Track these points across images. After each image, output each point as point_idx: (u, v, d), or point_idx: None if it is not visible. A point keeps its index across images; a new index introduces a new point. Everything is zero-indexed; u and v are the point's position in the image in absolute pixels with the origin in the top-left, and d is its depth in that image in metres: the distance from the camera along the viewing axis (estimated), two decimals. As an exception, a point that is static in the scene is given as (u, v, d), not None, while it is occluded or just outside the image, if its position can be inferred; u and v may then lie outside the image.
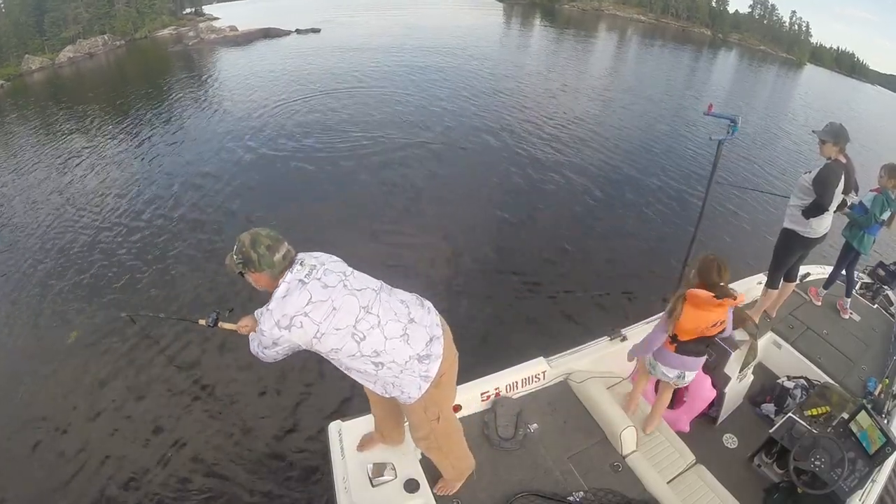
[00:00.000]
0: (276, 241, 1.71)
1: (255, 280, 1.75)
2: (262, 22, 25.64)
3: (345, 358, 1.75)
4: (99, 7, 29.61)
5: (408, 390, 1.82)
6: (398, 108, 11.62)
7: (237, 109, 11.69)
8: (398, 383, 1.81)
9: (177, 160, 8.95)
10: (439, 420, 1.99)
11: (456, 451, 2.23)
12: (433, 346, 1.83)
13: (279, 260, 1.70)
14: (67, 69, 22.31)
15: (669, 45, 37.30)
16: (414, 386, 1.81)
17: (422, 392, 1.83)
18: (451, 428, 2.15)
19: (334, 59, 17.19)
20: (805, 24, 66.56)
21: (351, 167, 8.29)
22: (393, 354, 1.75)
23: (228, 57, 20.01)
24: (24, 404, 4.02)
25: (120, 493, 3.31)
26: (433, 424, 1.99)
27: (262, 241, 1.68)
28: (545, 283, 5.62)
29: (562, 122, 11.62)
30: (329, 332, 1.68)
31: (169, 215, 6.90)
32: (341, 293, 1.72)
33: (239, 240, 1.72)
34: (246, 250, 1.69)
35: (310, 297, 1.67)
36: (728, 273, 2.34)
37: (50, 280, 5.62)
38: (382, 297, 1.81)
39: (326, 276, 1.73)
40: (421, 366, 1.80)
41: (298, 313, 1.65)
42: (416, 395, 1.83)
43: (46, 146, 10.41)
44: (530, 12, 44.79)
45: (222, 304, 4.47)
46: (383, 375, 1.79)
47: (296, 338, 1.67)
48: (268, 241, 1.69)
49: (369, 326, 1.73)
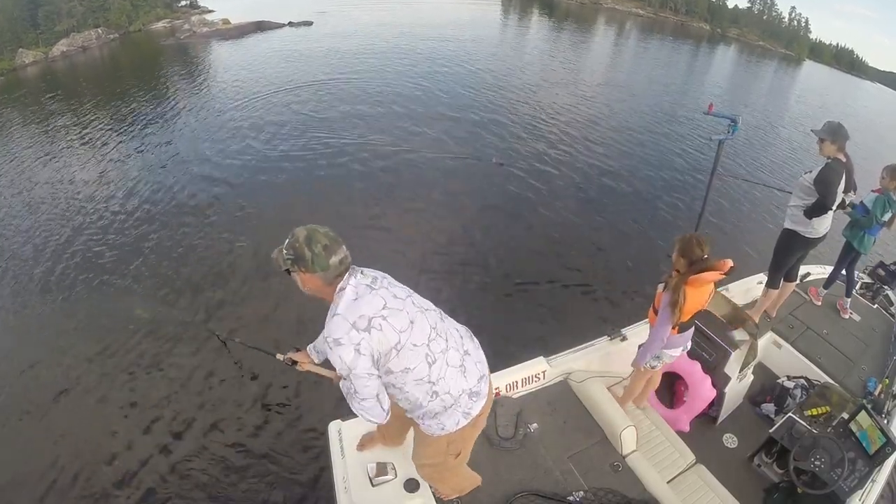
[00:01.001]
0: (334, 243, 1.52)
1: (303, 281, 1.57)
2: (255, 14, 25.60)
3: (410, 382, 1.59)
4: (93, 0, 29.51)
5: (446, 424, 1.70)
6: (392, 104, 11.56)
7: (224, 105, 11.73)
8: (441, 417, 1.68)
9: (174, 157, 8.95)
10: (457, 457, 1.90)
11: (456, 480, 2.21)
12: (482, 384, 1.74)
13: (335, 264, 1.51)
14: (61, 63, 22.22)
15: (668, 40, 37.27)
16: (453, 420, 1.69)
17: (458, 427, 1.71)
18: (460, 464, 2.06)
19: (326, 52, 17.21)
20: (804, 20, 66.78)
21: (347, 166, 8.27)
22: (450, 385, 1.63)
23: (219, 50, 20.03)
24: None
25: (119, 492, 3.31)
26: (449, 459, 1.89)
27: (319, 240, 1.50)
28: (545, 283, 5.62)
29: (560, 121, 11.60)
30: (408, 345, 1.53)
31: (173, 211, 6.94)
32: (412, 308, 1.59)
33: (293, 234, 1.53)
34: (299, 246, 1.50)
35: (384, 302, 1.53)
36: (707, 245, 2.39)
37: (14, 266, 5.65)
38: (445, 322, 1.71)
39: (393, 288, 1.61)
40: (469, 402, 1.69)
41: (376, 315, 1.50)
42: (450, 430, 1.71)
43: (42, 142, 10.41)
44: (529, 5, 44.67)
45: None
46: (431, 407, 1.65)
47: (376, 342, 1.49)
48: (325, 241, 1.51)
49: (440, 350, 1.61)
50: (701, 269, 2.36)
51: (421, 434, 1.83)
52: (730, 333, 3.19)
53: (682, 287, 2.36)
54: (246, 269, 5.58)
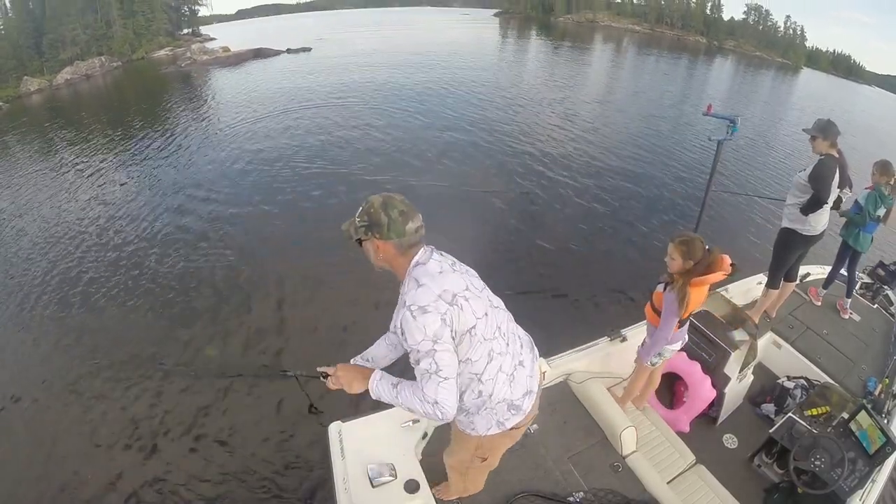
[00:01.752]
0: (410, 209, 1.46)
1: (377, 249, 1.48)
2: (255, 42, 26.32)
3: (466, 374, 1.50)
4: (97, 28, 29.85)
5: (477, 425, 1.65)
6: (394, 121, 11.72)
7: (222, 130, 11.97)
8: (473, 416, 1.63)
9: (176, 178, 9.10)
10: (483, 461, 1.87)
11: (477, 483, 2.22)
12: (526, 400, 1.66)
13: (411, 230, 1.44)
14: (65, 91, 22.57)
15: (666, 54, 37.50)
16: (485, 425, 1.64)
17: (488, 433, 1.66)
18: (486, 470, 2.05)
19: (324, 77, 17.47)
20: (800, 29, 67.02)
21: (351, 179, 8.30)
22: (494, 389, 1.56)
23: (218, 77, 20.48)
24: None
25: (118, 493, 3.31)
26: (476, 461, 1.86)
27: (396, 206, 1.44)
28: (545, 283, 5.63)
29: (560, 129, 11.69)
30: (480, 335, 1.46)
31: (175, 232, 7.00)
32: (486, 301, 1.53)
33: (368, 200, 1.47)
34: (374, 212, 1.44)
35: (466, 284, 1.47)
36: (702, 242, 2.41)
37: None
38: (511, 325, 1.65)
39: (472, 277, 1.55)
40: (507, 413, 1.62)
41: (460, 294, 1.42)
42: (480, 433, 1.66)
43: (46, 167, 10.49)
44: (526, 26, 44.97)
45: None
46: (470, 404, 1.59)
47: (457, 319, 1.39)
48: (402, 207, 1.45)
49: (498, 351, 1.53)
50: (705, 268, 2.36)
51: (454, 428, 1.79)
52: (730, 334, 3.19)
53: (687, 288, 2.37)
54: (250, 290, 5.53)
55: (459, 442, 1.83)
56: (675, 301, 2.40)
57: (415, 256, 1.48)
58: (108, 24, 30.41)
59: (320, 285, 5.45)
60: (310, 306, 5.16)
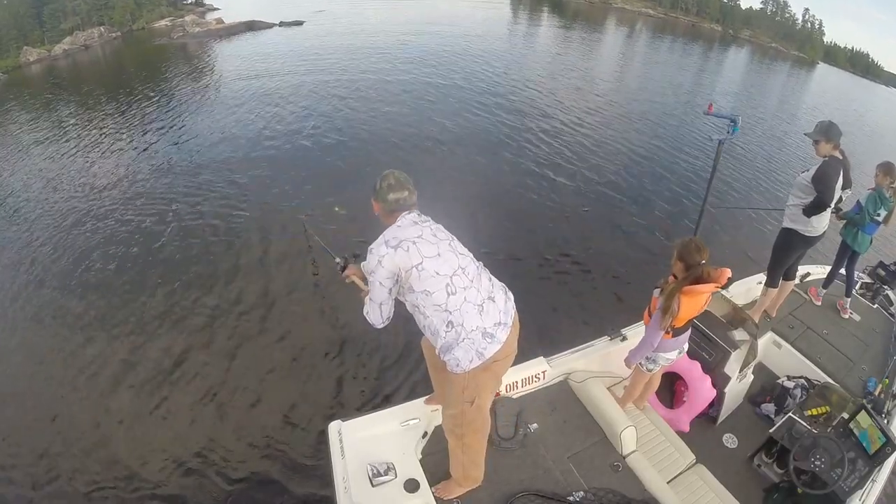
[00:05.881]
0: (399, 184, 1.91)
1: (374, 206, 1.97)
2: (253, 14, 26.06)
3: (430, 307, 1.85)
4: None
5: (461, 359, 1.87)
6: (399, 103, 11.62)
7: (204, 99, 12.31)
8: (455, 350, 1.87)
9: (169, 151, 9.25)
10: (472, 404, 2.01)
11: (475, 448, 2.22)
12: (499, 330, 1.92)
13: (392, 199, 1.90)
14: (63, 61, 22.55)
15: (679, 41, 37.12)
16: (466, 357, 1.87)
17: (471, 366, 1.87)
18: (479, 421, 2.13)
19: (315, 52, 17.39)
20: (818, 22, 66.17)
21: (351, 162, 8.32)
22: (464, 318, 1.85)
23: (209, 49, 20.51)
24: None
25: (117, 492, 3.31)
26: (465, 407, 2.02)
27: (389, 179, 1.91)
28: (544, 283, 5.62)
29: (564, 122, 11.59)
30: (430, 270, 1.81)
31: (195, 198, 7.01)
32: (447, 248, 1.90)
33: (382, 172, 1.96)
34: (379, 180, 1.93)
35: (421, 233, 1.87)
36: (707, 251, 2.36)
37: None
38: (481, 271, 1.98)
39: (438, 231, 1.94)
40: (483, 341, 1.88)
41: (407, 239, 1.83)
42: (464, 367, 1.88)
43: (48, 136, 10.55)
44: (538, 4, 44.48)
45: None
46: (448, 339, 1.87)
47: (399, 259, 1.80)
48: (392, 180, 1.91)
49: (462, 286, 1.86)
50: (697, 277, 2.34)
51: (445, 373, 2.00)
52: (730, 333, 3.19)
53: (677, 295, 2.35)
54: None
55: (449, 387, 2.02)
56: (660, 307, 2.40)
57: (398, 219, 1.90)
58: (110, -7, 30.20)
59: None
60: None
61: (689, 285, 2.34)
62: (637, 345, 2.65)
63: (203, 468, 3.45)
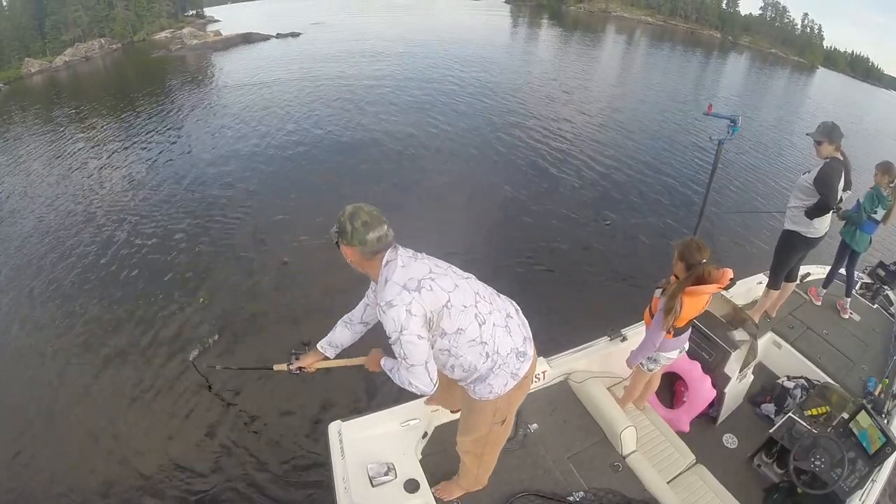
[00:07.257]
0: (374, 220, 1.61)
1: (345, 254, 1.68)
2: (250, 26, 26.38)
3: (464, 345, 1.67)
4: (98, 10, 29.80)
5: (494, 386, 1.76)
6: (397, 109, 11.65)
7: (202, 110, 12.46)
8: (490, 378, 1.75)
9: (168, 161, 9.23)
10: (502, 424, 1.93)
11: (491, 461, 2.21)
12: (527, 345, 1.83)
13: (372, 239, 1.60)
14: (64, 72, 22.76)
15: (678, 48, 37.10)
16: (501, 382, 1.76)
17: (506, 389, 1.77)
18: (503, 437, 2.08)
19: (299, 66, 17.48)
20: (818, 27, 65.80)
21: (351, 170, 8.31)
22: (498, 344, 1.72)
23: (206, 61, 20.74)
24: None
25: (117, 491, 3.31)
26: (495, 428, 1.92)
27: (361, 216, 1.61)
28: (544, 283, 5.62)
29: (562, 126, 11.61)
30: (458, 305, 1.62)
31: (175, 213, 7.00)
32: (454, 275, 1.71)
33: (343, 210, 1.65)
34: (343, 221, 1.62)
35: (430, 268, 1.65)
36: (707, 251, 2.35)
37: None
38: (487, 289, 1.82)
39: (434, 260, 1.73)
40: (517, 362, 1.77)
41: (425, 278, 1.60)
42: (498, 392, 1.77)
43: (49, 147, 10.65)
44: (537, 13, 44.56)
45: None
46: (483, 369, 1.73)
47: (427, 302, 1.56)
48: (366, 218, 1.60)
49: (486, 311, 1.70)
50: (698, 277, 2.34)
51: (469, 402, 1.89)
52: (730, 333, 3.19)
53: (680, 296, 2.35)
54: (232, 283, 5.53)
55: (476, 414, 1.90)
56: (662, 308, 2.40)
57: (383, 258, 1.64)
58: (111, 5, 30.34)
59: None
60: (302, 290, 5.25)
61: (691, 285, 2.35)
62: (639, 345, 2.64)
63: (203, 468, 3.45)
